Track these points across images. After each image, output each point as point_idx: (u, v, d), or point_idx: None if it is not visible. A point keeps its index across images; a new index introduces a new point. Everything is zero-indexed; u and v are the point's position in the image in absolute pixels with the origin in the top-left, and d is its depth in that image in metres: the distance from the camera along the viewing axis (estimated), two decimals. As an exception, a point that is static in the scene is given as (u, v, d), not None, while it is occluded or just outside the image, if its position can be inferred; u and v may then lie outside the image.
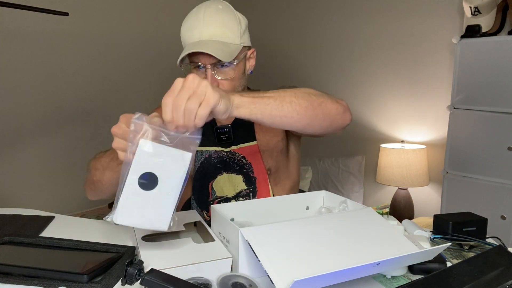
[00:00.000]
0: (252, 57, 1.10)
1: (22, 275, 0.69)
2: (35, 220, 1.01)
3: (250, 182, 1.09)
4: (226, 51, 0.97)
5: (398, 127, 2.48)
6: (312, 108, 0.85)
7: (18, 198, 2.36)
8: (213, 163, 1.10)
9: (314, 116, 0.86)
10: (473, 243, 0.88)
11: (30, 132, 2.39)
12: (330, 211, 0.90)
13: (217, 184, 1.09)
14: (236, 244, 0.69)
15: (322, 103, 0.88)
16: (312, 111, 0.85)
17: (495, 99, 1.77)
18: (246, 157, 1.09)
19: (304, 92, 0.86)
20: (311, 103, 0.85)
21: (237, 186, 1.09)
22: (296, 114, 0.82)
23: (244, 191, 1.08)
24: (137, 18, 2.82)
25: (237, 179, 1.09)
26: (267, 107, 0.78)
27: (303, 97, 0.84)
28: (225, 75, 1.02)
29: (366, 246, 0.68)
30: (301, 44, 2.95)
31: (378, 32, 2.54)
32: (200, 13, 1.00)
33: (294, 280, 0.53)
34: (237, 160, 1.10)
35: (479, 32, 1.84)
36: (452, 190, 1.94)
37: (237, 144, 1.11)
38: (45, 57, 2.41)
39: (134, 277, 0.60)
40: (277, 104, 0.80)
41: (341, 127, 0.96)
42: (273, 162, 1.12)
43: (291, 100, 0.82)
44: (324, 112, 0.88)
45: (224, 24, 1.00)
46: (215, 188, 1.09)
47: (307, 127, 0.88)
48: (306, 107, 0.84)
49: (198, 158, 1.11)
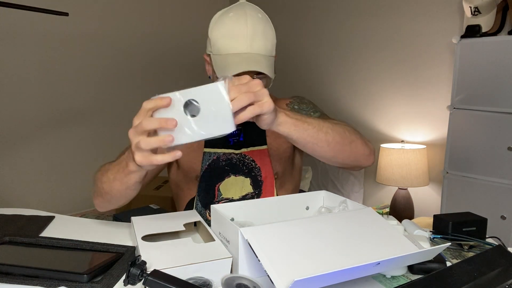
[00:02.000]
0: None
1: (22, 275, 0.69)
2: (35, 220, 1.01)
3: (257, 185, 1.09)
4: (269, 66, 0.97)
5: (398, 127, 2.48)
6: (343, 144, 0.93)
7: (18, 198, 2.36)
8: (221, 166, 1.10)
9: (342, 151, 0.93)
10: (473, 243, 0.88)
11: (30, 132, 2.39)
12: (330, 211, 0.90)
13: (224, 186, 1.09)
14: (236, 244, 0.69)
15: (353, 141, 0.95)
16: (342, 146, 0.93)
17: (495, 99, 1.77)
18: (256, 161, 1.10)
19: (341, 126, 0.94)
20: (344, 139, 0.93)
21: (244, 188, 1.09)
22: (327, 145, 0.90)
23: (250, 194, 1.09)
24: (138, 18, 2.82)
25: (245, 182, 1.09)
26: (305, 132, 0.85)
27: (338, 132, 0.91)
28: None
29: (366, 246, 0.68)
30: (300, 44, 2.96)
31: (378, 32, 2.54)
32: (241, 20, 0.97)
33: (294, 280, 0.53)
34: (247, 163, 1.10)
35: (479, 32, 1.84)
36: (452, 190, 1.94)
37: (248, 147, 1.11)
38: (45, 57, 2.41)
39: (137, 277, 0.60)
40: (314, 132, 0.86)
41: (361, 167, 1.03)
42: (280, 167, 1.13)
43: (327, 131, 0.89)
44: (352, 150, 0.95)
45: (266, 36, 0.99)
46: (222, 190, 1.09)
47: (332, 159, 0.95)
48: (338, 141, 0.91)
49: (206, 159, 1.11)
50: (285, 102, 1.14)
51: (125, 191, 0.87)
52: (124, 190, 0.87)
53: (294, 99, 1.15)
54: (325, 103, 2.77)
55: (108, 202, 0.95)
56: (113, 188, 0.88)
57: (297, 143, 0.87)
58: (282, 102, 1.15)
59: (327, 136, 0.89)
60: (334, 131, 0.90)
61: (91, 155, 2.60)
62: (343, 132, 0.93)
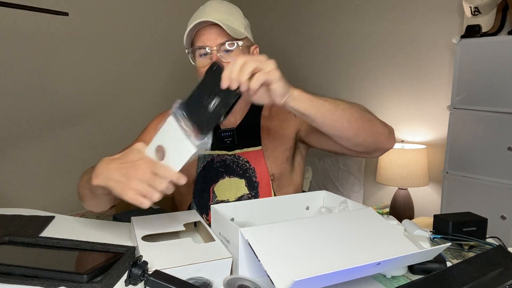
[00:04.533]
0: (255, 54, 1.10)
1: (22, 275, 0.69)
2: (35, 220, 1.01)
3: (252, 187, 1.08)
4: (232, 30, 0.99)
5: (398, 127, 2.48)
6: (362, 121, 0.90)
7: (18, 198, 2.36)
8: (215, 167, 1.09)
9: (362, 128, 0.91)
10: (473, 243, 0.88)
11: (30, 132, 2.39)
12: (330, 211, 0.90)
13: (218, 188, 1.09)
14: (236, 244, 0.69)
15: (371, 119, 0.93)
16: (362, 123, 0.90)
17: (495, 99, 1.77)
18: (250, 162, 1.09)
19: (356, 105, 0.92)
20: (362, 116, 0.91)
21: (239, 190, 1.08)
22: (346, 121, 0.87)
23: (246, 196, 1.08)
24: (137, 18, 2.82)
25: (240, 183, 1.08)
26: (322, 107, 0.83)
27: (355, 109, 0.90)
28: (230, 59, 1.01)
29: (366, 246, 0.68)
30: (301, 44, 2.95)
31: (378, 32, 2.54)
32: (206, 6, 1.04)
33: (294, 280, 0.53)
34: (241, 164, 1.09)
35: (479, 32, 1.83)
36: (452, 190, 1.94)
37: (242, 148, 1.10)
38: (45, 57, 2.41)
39: (139, 278, 0.60)
40: (332, 108, 0.85)
41: (383, 149, 0.99)
42: (277, 168, 1.11)
43: (344, 108, 0.87)
44: (372, 128, 0.93)
45: (229, 12, 1.03)
46: (216, 192, 1.09)
47: (353, 138, 0.92)
48: (357, 118, 0.89)
49: (200, 162, 1.11)
50: None
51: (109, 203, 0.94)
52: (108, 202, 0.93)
53: None
54: (325, 103, 2.77)
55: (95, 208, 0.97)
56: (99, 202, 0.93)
57: (315, 120, 0.84)
58: None
59: (345, 112, 0.86)
60: (352, 108, 0.89)
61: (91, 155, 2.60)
62: (360, 110, 0.91)
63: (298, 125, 1.11)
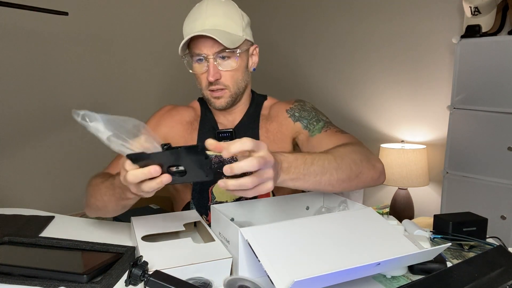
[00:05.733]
0: (255, 54, 1.10)
1: (22, 275, 0.69)
2: (35, 220, 1.01)
3: None
4: (229, 38, 0.98)
5: (398, 127, 2.48)
6: (349, 180, 0.88)
7: (18, 198, 2.36)
8: (213, 168, 1.09)
9: (349, 187, 0.90)
10: (473, 243, 0.88)
11: (30, 132, 2.39)
12: (330, 211, 0.90)
13: (217, 189, 1.09)
14: (236, 244, 0.69)
15: (360, 173, 0.90)
16: (348, 183, 0.88)
17: (495, 99, 1.77)
18: None
19: (347, 158, 0.88)
20: (350, 174, 0.88)
21: None
22: (331, 187, 0.85)
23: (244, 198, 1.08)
24: (137, 18, 2.82)
25: None
26: (306, 183, 0.81)
27: (343, 169, 0.86)
28: (227, 67, 1.02)
29: (366, 246, 0.68)
30: (301, 43, 2.95)
31: (378, 32, 2.53)
32: (202, 6, 1.02)
33: (294, 281, 0.53)
34: None
35: (479, 32, 1.83)
36: (452, 190, 1.93)
37: None
38: (45, 57, 2.41)
39: (139, 278, 0.60)
40: (316, 181, 0.82)
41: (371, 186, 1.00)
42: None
43: (331, 173, 0.84)
44: (359, 181, 0.91)
45: (227, 15, 1.01)
46: (215, 193, 1.09)
47: (338, 193, 0.94)
48: (343, 180, 0.86)
49: None
50: (286, 107, 1.13)
51: (121, 209, 0.90)
52: (120, 210, 0.90)
53: (295, 105, 1.13)
54: (325, 104, 2.77)
55: (101, 214, 0.96)
56: (108, 206, 0.90)
57: (301, 187, 0.83)
58: (283, 106, 1.13)
59: (331, 178, 0.84)
60: (339, 170, 0.85)
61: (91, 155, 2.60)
62: (349, 168, 0.87)
63: (295, 133, 1.11)
